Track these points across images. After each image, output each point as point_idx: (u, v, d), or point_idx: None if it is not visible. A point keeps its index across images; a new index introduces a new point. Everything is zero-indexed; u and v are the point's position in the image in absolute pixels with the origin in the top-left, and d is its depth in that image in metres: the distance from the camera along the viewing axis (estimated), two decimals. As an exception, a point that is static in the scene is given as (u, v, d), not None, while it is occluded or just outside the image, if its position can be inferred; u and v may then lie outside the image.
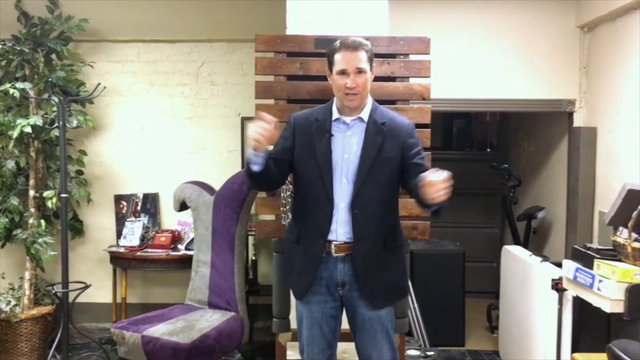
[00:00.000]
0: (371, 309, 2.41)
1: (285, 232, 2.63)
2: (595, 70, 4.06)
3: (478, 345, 4.54)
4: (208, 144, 4.61)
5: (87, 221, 4.60)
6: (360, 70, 2.34)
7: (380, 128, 2.39)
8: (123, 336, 3.34)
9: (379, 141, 2.36)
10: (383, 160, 2.36)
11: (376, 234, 2.39)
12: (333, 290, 2.43)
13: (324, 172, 2.36)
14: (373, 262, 2.39)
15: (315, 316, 2.46)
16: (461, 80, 4.17)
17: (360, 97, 2.37)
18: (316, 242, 2.38)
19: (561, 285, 3.16)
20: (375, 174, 2.34)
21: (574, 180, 4.15)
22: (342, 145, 2.39)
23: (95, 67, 4.47)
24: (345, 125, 2.41)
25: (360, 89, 2.35)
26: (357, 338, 2.48)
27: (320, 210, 2.37)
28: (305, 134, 2.43)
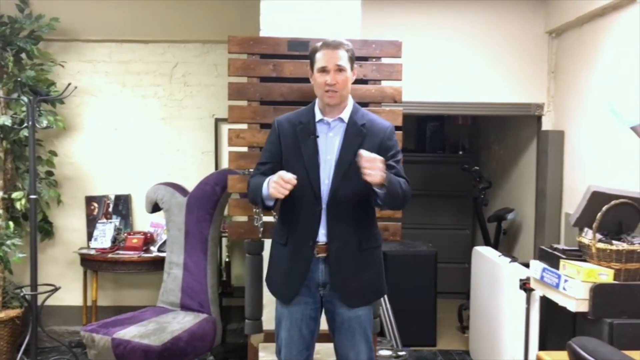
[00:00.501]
0: (348, 309, 2.43)
1: (272, 234, 2.62)
2: (563, 75, 4.15)
3: (449, 345, 4.60)
4: (181, 145, 4.58)
5: (57, 223, 4.54)
6: (340, 68, 2.37)
7: (360, 129, 2.41)
8: (93, 339, 3.30)
9: (357, 142, 2.38)
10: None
11: (351, 234, 2.40)
12: (314, 291, 2.44)
13: (312, 173, 2.38)
14: (348, 263, 2.40)
15: (295, 317, 2.46)
16: (433, 83, 4.23)
17: (340, 96, 2.39)
18: (306, 244, 2.39)
19: (529, 285, 3.22)
20: (352, 175, 2.35)
21: (542, 182, 4.24)
22: (326, 146, 2.42)
23: (66, 66, 4.42)
24: (327, 125, 2.44)
25: (340, 86, 2.37)
26: (336, 338, 2.49)
27: (310, 211, 2.39)
28: (290, 137, 2.45)
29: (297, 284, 2.42)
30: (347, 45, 2.42)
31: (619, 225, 2.78)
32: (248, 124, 2.93)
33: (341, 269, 2.41)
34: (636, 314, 2.58)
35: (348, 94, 2.45)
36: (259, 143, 2.92)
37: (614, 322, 2.56)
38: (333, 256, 2.40)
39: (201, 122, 4.56)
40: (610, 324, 2.56)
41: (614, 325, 2.55)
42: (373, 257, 2.49)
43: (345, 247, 2.40)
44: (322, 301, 2.47)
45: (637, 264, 2.63)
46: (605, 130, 3.50)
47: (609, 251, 2.65)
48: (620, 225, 2.78)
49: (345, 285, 2.41)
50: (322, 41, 2.43)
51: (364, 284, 2.45)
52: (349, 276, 2.41)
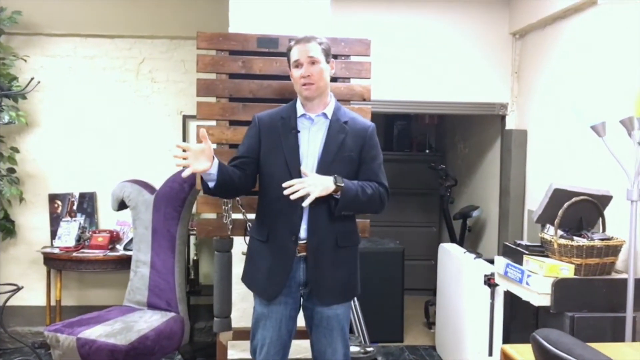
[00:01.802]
0: (322, 307, 2.43)
1: (251, 232, 2.59)
2: (526, 76, 4.24)
3: (416, 340, 4.66)
4: (149, 142, 4.52)
5: (19, 221, 4.43)
6: (312, 60, 2.38)
7: (343, 126, 2.42)
8: (57, 339, 3.24)
9: (340, 138, 2.40)
10: (343, 158, 2.39)
11: (328, 230, 2.39)
12: (295, 290, 2.43)
13: (293, 169, 2.36)
14: (324, 260, 2.40)
15: (275, 317, 2.43)
16: (400, 82, 4.27)
17: (317, 87, 2.39)
18: (288, 241, 2.36)
19: (493, 280, 3.28)
20: (335, 170, 2.35)
21: (506, 180, 4.32)
22: (308, 141, 2.42)
23: (29, 61, 4.31)
24: (310, 121, 2.44)
25: (314, 78, 2.37)
26: (314, 335, 2.49)
27: (292, 208, 2.34)
28: (271, 133, 2.44)
29: (281, 282, 2.39)
30: (319, 39, 2.44)
31: (580, 221, 2.85)
32: (217, 121, 2.91)
33: (318, 265, 2.39)
34: (596, 308, 2.65)
35: (326, 87, 2.44)
36: (228, 140, 2.91)
37: (575, 316, 2.63)
38: (311, 253, 2.39)
39: (169, 119, 4.51)
40: (571, 317, 2.63)
41: (575, 318, 2.62)
42: (349, 256, 2.48)
43: (323, 244, 2.39)
44: (301, 299, 2.47)
45: (597, 259, 2.71)
46: (566, 130, 3.59)
47: (570, 247, 2.71)
48: (580, 222, 2.85)
49: (321, 282, 2.41)
50: (296, 39, 2.45)
51: (339, 282, 2.44)
52: (324, 273, 2.40)
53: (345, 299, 2.49)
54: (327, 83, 2.45)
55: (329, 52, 2.45)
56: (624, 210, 2.87)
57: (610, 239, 2.73)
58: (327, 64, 2.43)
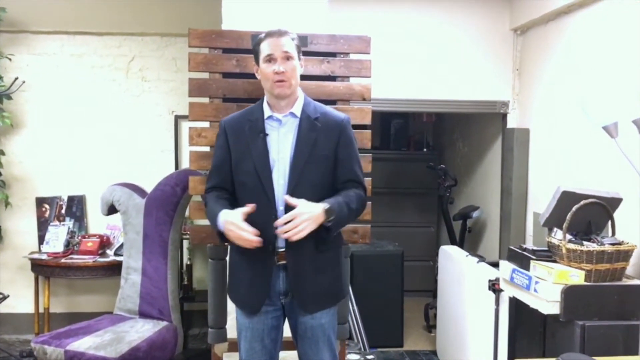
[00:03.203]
0: (311, 317, 2.33)
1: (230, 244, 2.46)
2: (528, 73, 4.14)
3: (416, 345, 4.56)
4: (139, 143, 4.39)
5: (5, 226, 4.29)
6: (287, 56, 2.24)
7: (314, 123, 2.28)
8: (45, 351, 3.12)
9: (312, 137, 2.26)
10: (317, 158, 2.26)
11: (307, 236, 2.22)
12: (275, 299, 2.33)
13: (263, 175, 2.24)
14: (304, 266, 2.29)
15: (256, 327, 2.34)
16: (398, 80, 4.16)
17: (290, 85, 2.25)
18: (266, 251, 2.25)
19: (498, 286, 3.18)
20: (309, 172, 2.24)
21: (507, 180, 4.23)
22: (277, 143, 2.28)
23: (14, 60, 4.16)
24: (279, 122, 2.30)
25: (289, 74, 2.24)
26: (299, 346, 2.40)
27: (265, 216, 2.23)
28: (238, 138, 2.31)
29: (263, 294, 2.30)
30: (292, 34, 2.30)
31: (589, 225, 2.76)
32: (210, 122, 2.79)
33: (297, 273, 2.29)
34: (607, 316, 2.56)
35: (297, 84, 2.31)
36: (222, 143, 2.78)
37: (586, 325, 2.53)
38: (291, 261, 2.28)
39: (160, 119, 4.38)
40: (582, 326, 2.53)
41: (586, 327, 2.53)
42: (330, 260, 2.36)
43: (301, 250, 2.26)
44: (284, 309, 2.37)
45: (608, 265, 2.61)
46: (571, 128, 3.49)
47: (579, 252, 2.62)
48: (589, 225, 2.76)
49: (301, 290, 2.30)
50: (266, 32, 2.29)
51: (320, 288, 2.32)
52: (304, 281, 2.30)
53: (329, 305, 2.38)
54: (297, 81, 2.31)
55: (300, 49, 2.33)
56: (634, 213, 2.78)
57: (621, 244, 2.64)
58: (299, 60, 2.31)
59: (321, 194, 2.25)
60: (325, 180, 2.29)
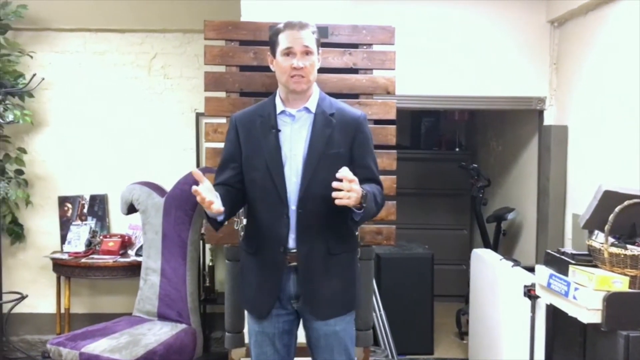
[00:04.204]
0: (325, 324, 2.20)
1: (240, 243, 2.37)
2: (566, 67, 3.93)
3: (447, 352, 4.38)
4: (161, 141, 4.32)
5: (28, 225, 4.27)
6: (307, 51, 2.12)
7: (329, 119, 2.17)
8: (60, 353, 3.06)
9: (327, 133, 2.15)
10: (332, 156, 2.14)
11: (319, 237, 2.16)
12: (286, 303, 2.21)
13: (275, 172, 2.13)
14: (316, 269, 2.17)
15: (266, 332, 2.23)
16: (428, 75, 3.97)
17: (308, 81, 2.14)
18: (277, 252, 2.15)
19: (534, 292, 2.99)
20: (323, 170, 2.11)
21: (544, 180, 4.01)
22: (290, 140, 2.16)
23: (37, 58, 4.14)
24: (292, 117, 2.18)
25: (307, 70, 2.12)
26: (314, 354, 2.28)
27: (277, 215, 2.14)
28: (249, 134, 2.20)
29: (271, 298, 2.19)
30: (313, 27, 2.17)
31: (633, 227, 2.55)
32: (227, 118, 2.68)
33: (309, 276, 2.17)
34: (654, 326, 2.35)
35: (314, 80, 2.19)
36: (239, 138, 2.67)
37: (630, 335, 2.32)
38: (302, 263, 2.16)
39: (182, 117, 4.31)
40: (625, 336, 2.32)
41: (630, 338, 2.32)
42: (344, 263, 2.24)
43: (313, 252, 2.15)
44: (297, 314, 2.25)
45: (655, 271, 2.40)
46: (613, 125, 3.28)
47: (623, 256, 2.41)
48: (634, 228, 2.55)
49: (312, 294, 2.18)
50: (284, 22, 2.17)
51: (332, 293, 2.19)
52: (316, 284, 2.17)
53: (342, 312, 2.23)
54: (315, 77, 2.19)
55: (319, 43, 2.21)
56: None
57: (670, 248, 2.42)
58: (318, 55, 2.19)
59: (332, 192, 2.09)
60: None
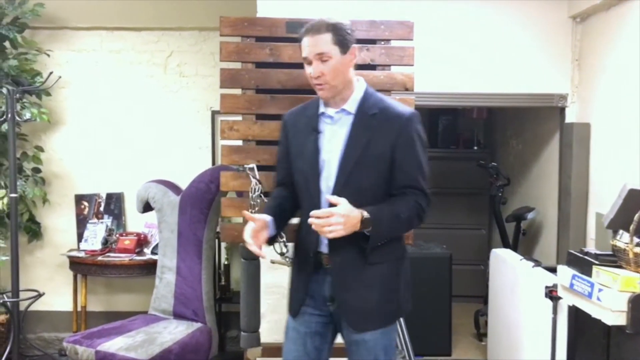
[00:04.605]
0: (350, 329, 2.12)
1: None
2: (588, 63, 3.83)
3: (466, 354, 4.30)
4: (177, 140, 4.31)
5: (45, 223, 4.28)
6: (322, 58, 2.00)
7: (369, 121, 2.04)
8: (76, 351, 3.05)
9: (365, 137, 2.02)
10: (369, 160, 2.02)
11: (352, 245, 2.04)
12: (321, 304, 2.15)
13: (311, 176, 2.08)
14: (352, 279, 2.09)
15: (299, 329, 2.19)
16: (447, 73, 3.88)
17: (331, 87, 2.03)
18: (307, 256, 2.13)
19: (555, 293, 2.92)
20: (358, 176, 2.02)
21: (566, 179, 3.91)
22: (329, 142, 2.08)
23: (54, 56, 4.15)
24: (331, 119, 2.09)
25: (328, 77, 2.00)
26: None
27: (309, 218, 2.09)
28: (295, 135, 2.16)
29: (301, 297, 2.16)
30: (333, 25, 2.01)
31: (659, 227, 2.46)
32: (242, 115, 2.65)
33: (344, 285, 2.09)
34: (682, 329, 2.27)
35: (345, 82, 2.06)
36: (255, 136, 2.65)
37: (657, 338, 2.25)
38: (335, 271, 2.10)
39: (198, 115, 4.29)
40: (652, 339, 2.25)
41: (657, 341, 2.25)
42: (384, 274, 2.10)
43: (347, 261, 2.06)
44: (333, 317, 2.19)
45: (683, 272, 2.32)
46: (638, 122, 3.18)
47: (649, 257, 2.34)
48: (660, 227, 2.46)
49: (347, 302, 2.10)
50: (305, 25, 2.08)
51: (367, 304, 2.09)
52: (350, 293, 2.09)
53: (378, 325, 2.11)
54: (345, 78, 2.05)
55: (346, 39, 2.02)
56: None
57: (698, 248, 2.34)
58: (345, 54, 2.02)
59: (370, 200, 2.03)
60: (377, 184, 2.06)
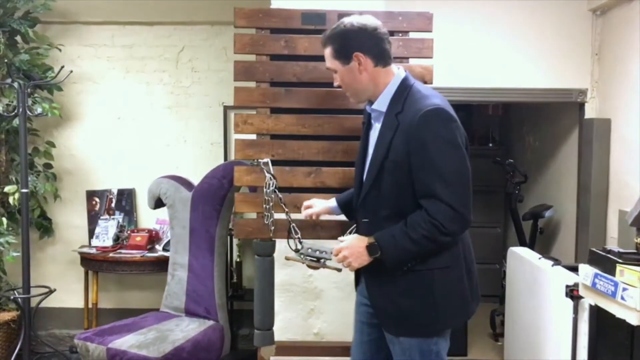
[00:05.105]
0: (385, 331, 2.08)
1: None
2: (609, 57, 3.74)
3: (482, 354, 4.22)
4: (189, 135, 4.26)
5: (56, 219, 4.25)
6: (332, 71, 2.04)
7: (393, 120, 1.93)
8: (87, 348, 3.01)
9: (388, 138, 1.93)
10: (390, 165, 1.93)
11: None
12: (362, 298, 2.19)
13: (356, 174, 2.11)
14: (379, 282, 2.02)
15: (356, 317, 2.23)
16: (462, 67, 3.81)
17: (354, 95, 2.05)
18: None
19: (577, 292, 2.83)
20: (382, 181, 1.94)
21: (585, 176, 3.82)
22: (371, 141, 2.07)
23: (66, 51, 4.11)
24: (374, 114, 2.07)
25: (345, 87, 2.03)
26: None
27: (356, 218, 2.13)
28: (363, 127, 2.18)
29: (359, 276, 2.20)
30: (328, 38, 2.00)
31: (686, 224, 2.39)
32: (257, 109, 2.59)
33: (373, 287, 2.06)
34: None
35: (363, 88, 2.01)
36: (269, 130, 2.58)
37: (685, 339, 2.17)
38: (365, 273, 2.06)
39: (210, 110, 4.24)
40: (680, 341, 2.17)
41: (685, 342, 2.16)
42: (419, 282, 1.95)
43: (375, 265, 1.96)
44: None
45: None
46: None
47: (676, 255, 2.26)
48: (687, 225, 2.39)
49: (375, 300, 2.06)
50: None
51: (400, 311, 1.97)
52: (380, 297, 2.04)
53: (411, 333, 1.99)
54: (360, 86, 2.00)
55: (345, 48, 1.96)
56: None
57: None
58: (348, 64, 1.96)
59: (396, 209, 1.94)
60: (399, 194, 1.94)
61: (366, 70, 1.97)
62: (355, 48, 1.95)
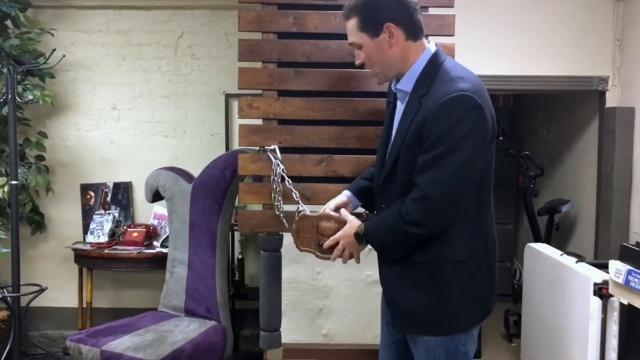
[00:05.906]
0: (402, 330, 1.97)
1: None
2: (631, 44, 3.57)
3: (495, 355, 4.04)
4: (188, 126, 4.07)
5: (49, 214, 4.05)
6: (356, 46, 1.85)
7: (416, 103, 1.78)
8: (80, 350, 2.81)
9: (410, 120, 1.77)
10: (409, 149, 1.78)
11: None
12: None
13: (378, 156, 1.96)
14: (392, 275, 1.90)
15: (382, 317, 2.12)
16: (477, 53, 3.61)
17: (376, 74, 1.89)
18: None
19: (606, 290, 2.65)
20: (400, 163, 1.80)
21: (607, 168, 3.64)
22: (395, 124, 1.90)
23: (59, 37, 3.91)
24: (399, 94, 1.89)
25: (369, 64, 1.85)
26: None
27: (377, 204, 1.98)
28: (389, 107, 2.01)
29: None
30: (354, 8, 1.79)
31: None
32: (263, 91, 2.39)
33: (386, 281, 1.94)
34: None
35: (391, 64, 1.83)
36: (276, 114, 2.38)
37: None
38: (379, 264, 1.94)
39: (210, 99, 4.04)
40: None
41: None
42: (429, 275, 1.81)
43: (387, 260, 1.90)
44: None
45: None
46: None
47: None
48: None
49: (392, 302, 1.93)
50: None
51: (411, 305, 1.83)
52: (391, 291, 1.92)
53: (425, 331, 1.85)
54: (388, 62, 1.82)
55: (374, 19, 1.77)
56: None
57: None
58: (377, 37, 1.78)
59: (408, 190, 1.80)
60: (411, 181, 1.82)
61: (397, 43, 1.79)
62: (386, 19, 1.76)
